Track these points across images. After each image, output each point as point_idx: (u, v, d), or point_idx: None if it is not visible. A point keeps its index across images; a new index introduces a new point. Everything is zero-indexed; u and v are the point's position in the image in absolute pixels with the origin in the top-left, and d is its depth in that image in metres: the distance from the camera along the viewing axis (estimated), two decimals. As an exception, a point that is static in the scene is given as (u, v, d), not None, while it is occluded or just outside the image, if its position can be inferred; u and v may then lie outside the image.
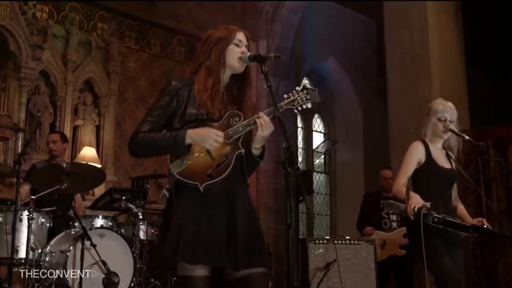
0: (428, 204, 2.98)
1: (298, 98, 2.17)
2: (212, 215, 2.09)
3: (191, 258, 2.04)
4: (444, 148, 3.41)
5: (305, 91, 2.17)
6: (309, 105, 2.18)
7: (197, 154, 2.10)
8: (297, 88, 2.20)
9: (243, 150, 2.14)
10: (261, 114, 2.11)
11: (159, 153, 2.15)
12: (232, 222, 2.11)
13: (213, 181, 2.07)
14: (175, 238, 2.04)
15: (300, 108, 2.17)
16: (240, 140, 2.14)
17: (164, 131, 2.14)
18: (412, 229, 3.14)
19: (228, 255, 2.07)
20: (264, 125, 2.10)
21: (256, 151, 2.19)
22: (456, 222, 3.13)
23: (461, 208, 3.43)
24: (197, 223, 2.06)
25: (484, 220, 3.24)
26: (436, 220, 2.96)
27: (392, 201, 3.32)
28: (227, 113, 2.18)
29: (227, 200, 2.12)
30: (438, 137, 3.36)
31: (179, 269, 2.09)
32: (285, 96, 2.18)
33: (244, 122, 2.13)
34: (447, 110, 3.31)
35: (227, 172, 2.09)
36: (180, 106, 2.16)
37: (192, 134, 2.09)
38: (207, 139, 2.07)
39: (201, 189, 2.06)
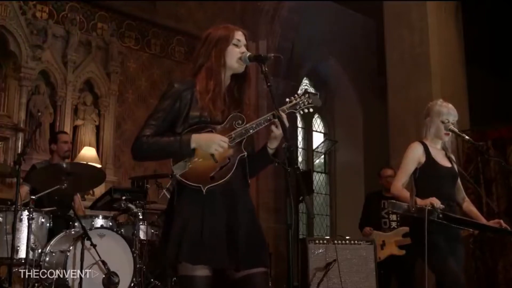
0: (442, 206, 2.99)
1: (300, 102, 2.20)
2: (214, 216, 2.09)
3: (194, 258, 2.04)
4: (442, 148, 3.43)
5: (306, 95, 2.20)
6: (311, 110, 2.22)
7: (200, 159, 2.10)
8: (298, 92, 2.23)
9: (245, 153, 2.16)
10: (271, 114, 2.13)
11: (163, 157, 2.14)
12: (233, 222, 2.11)
13: (215, 183, 2.08)
14: (178, 238, 2.04)
15: (302, 112, 2.21)
16: (243, 143, 2.16)
17: (167, 135, 2.13)
18: (414, 228, 3.14)
19: (230, 255, 2.07)
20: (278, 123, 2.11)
21: (271, 151, 2.21)
22: (460, 218, 3.14)
23: (471, 209, 3.42)
24: (200, 223, 2.07)
25: (502, 221, 3.25)
26: (440, 216, 2.96)
27: (394, 201, 3.32)
28: (230, 115, 2.19)
29: (228, 201, 2.13)
30: (439, 138, 3.37)
31: (181, 269, 2.08)
32: (287, 100, 2.20)
33: (252, 124, 2.14)
34: (451, 113, 3.34)
35: (229, 175, 2.10)
36: (183, 109, 2.15)
37: (197, 139, 2.09)
38: (212, 144, 2.08)
39: (204, 191, 2.07)
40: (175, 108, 2.15)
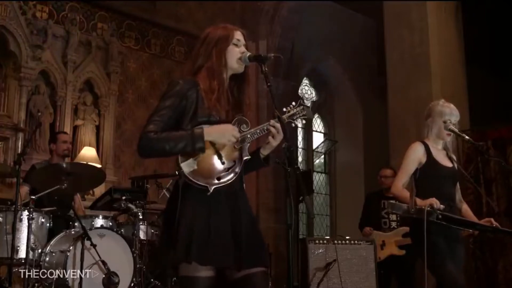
0: (442, 207, 2.99)
1: (296, 113, 2.26)
2: (219, 215, 2.10)
3: (202, 258, 2.03)
4: (443, 148, 3.43)
5: (301, 107, 2.27)
6: (304, 121, 2.30)
7: (207, 158, 2.11)
8: (293, 103, 2.28)
9: (249, 157, 2.18)
10: (272, 122, 2.16)
11: (174, 152, 2.08)
12: (236, 222, 2.12)
13: (222, 184, 2.09)
14: (186, 238, 2.03)
15: (297, 122, 2.27)
16: (248, 146, 2.18)
17: (176, 130, 2.11)
18: (415, 228, 3.14)
19: (234, 255, 2.08)
20: (276, 133, 2.16)
21: (262, 156, 2.25)
22: (459, 219, 3.15)
23: (466, 209, 3.44)
24: (206, 223, 2.07)
25: (492, 220, 3.26)
26: (440, 217, 2.96)
27: (394, 202, 3.32)
28: (236, 118, 2.20)
29: (231, 201, 2.14)
30: (441, 139, 3.37)
31: (183, 270, 2.07)
32: (284, 109, 2.25)
33: (256, 129, 2.18)
34: (453, 113, 3.34)
35: (235, 176, 2.12)
36: (189, 107, 2.14)
37: (210, 131, 2.09)
38: (225, 134, 2.10)
39: (210, 191, 2.06)
40: (181, 106, 2.13)
